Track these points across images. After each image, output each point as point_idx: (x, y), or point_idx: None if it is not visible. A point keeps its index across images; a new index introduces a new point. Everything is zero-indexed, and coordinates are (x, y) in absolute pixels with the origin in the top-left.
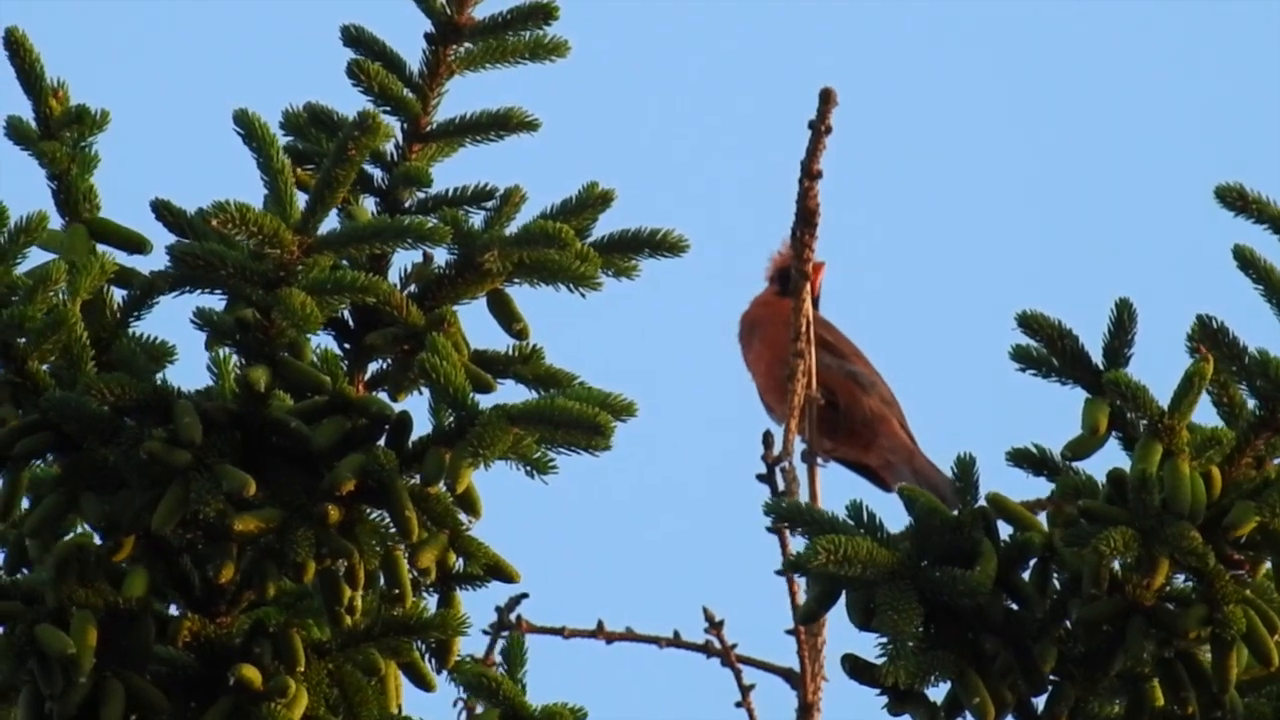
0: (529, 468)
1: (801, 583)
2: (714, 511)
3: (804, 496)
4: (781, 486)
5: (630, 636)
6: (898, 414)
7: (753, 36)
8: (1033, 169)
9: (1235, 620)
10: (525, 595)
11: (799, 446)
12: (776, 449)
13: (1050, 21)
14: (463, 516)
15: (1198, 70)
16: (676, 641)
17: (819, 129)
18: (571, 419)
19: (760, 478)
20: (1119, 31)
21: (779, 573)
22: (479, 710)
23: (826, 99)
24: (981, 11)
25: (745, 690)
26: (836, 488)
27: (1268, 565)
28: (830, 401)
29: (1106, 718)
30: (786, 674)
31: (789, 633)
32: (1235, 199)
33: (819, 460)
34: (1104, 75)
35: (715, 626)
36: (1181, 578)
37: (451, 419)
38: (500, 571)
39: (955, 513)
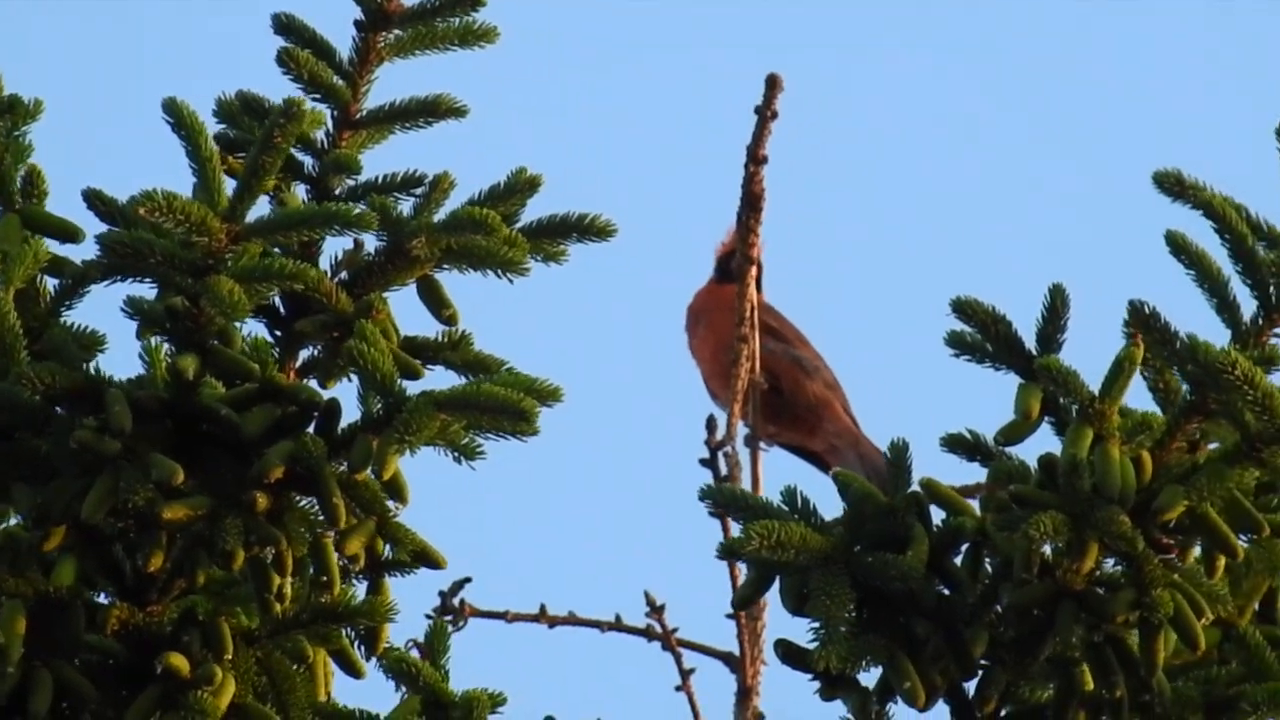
0: (456, 454)
1: (743, 567)
2: (657, 496)
3: (746, 481)
4: (724, 471)
5: (572, 620)
6: (841, 398)
7: (690, 19)
8: (970, 155)
9: (1163, 604)
10: (469, 580)
11: (742, 431)
12: (720, 433)
13: (993, 10)
14: (390, 503)
15: (1130, 57)
16: (618, 625)
17: (765, 114)
18: (497, 404)
19: (703, 462)
20: (1059, 21)
21: (719, 557)
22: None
23: (773, 84)
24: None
25: (685, 674)
26: (779, 472)
27: (1196, 550)
28: (774, 386)
29: (1036, 702)
30: (726, 658)
31: (729, 617)
32: (1173, 184)
33: (762, 445)
34: (1041, 62)
35: (656, 611)
36: (1111, 562)
37: (379, 406)
38: (428, 558)
39: (888, 498)
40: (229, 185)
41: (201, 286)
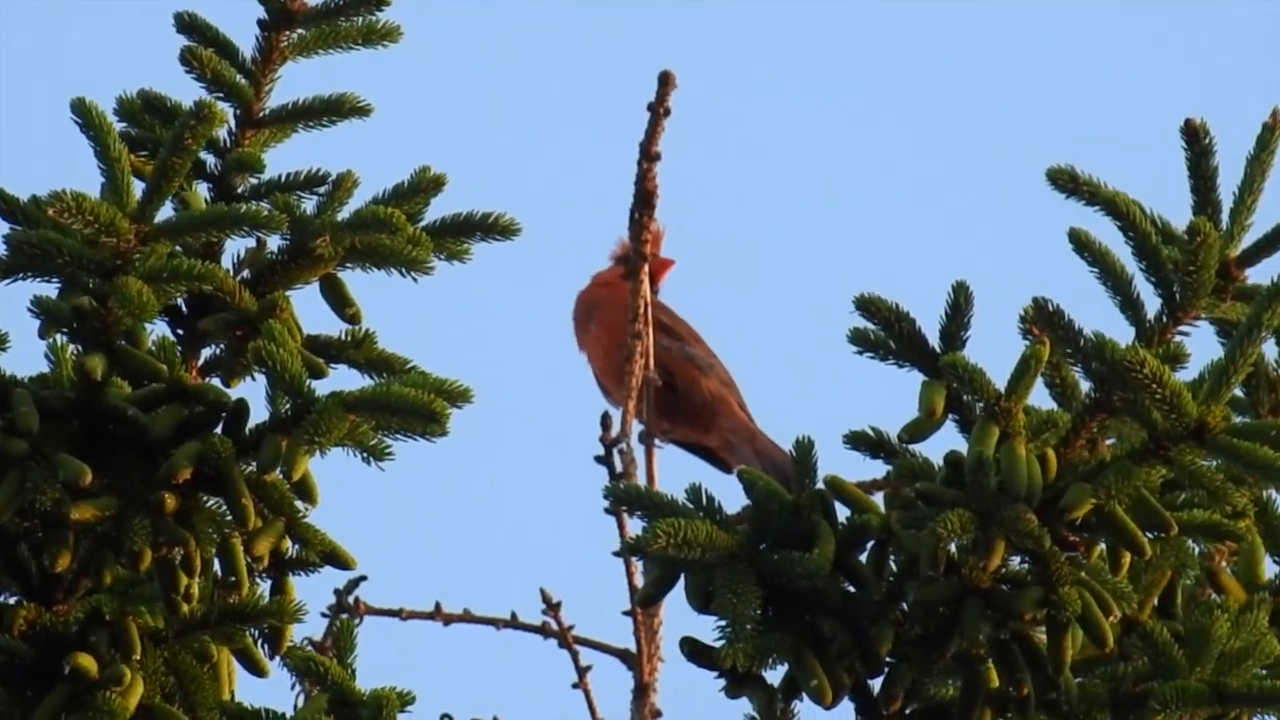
0: (366, 454)
1: (639, 564)
2: (551, 493)
3: (641, 478)
4: (619, 468)
5: (468, 618)
6: (736, 396)
7: (587, 19)
8: (871, 152)
9: (1070, 602)
10: (364, 578)
11: (637, 428)
12: (614, 431)
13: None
14: (299, 504)
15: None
16: (514, 623)
17: (658, 111)
18: (407, 406)
19: (598, 459)
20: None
21: (616, 554)
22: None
23: (665, 82)
24: None
25: (582, 671)
26: (674, 469)
27: (1102, 547)
28: (668, 384)
29: (942, 699)
30: (623, 655)
31: (626, 614)
32: (1066, 181)
33: (656, 442)
34: (942, 60)
35: (553, 608)
36: (1017, 560)
37: (288, 406)
38: (337, 558)
39: (793, 496)
40: (137, 186)
41: (110, 287)
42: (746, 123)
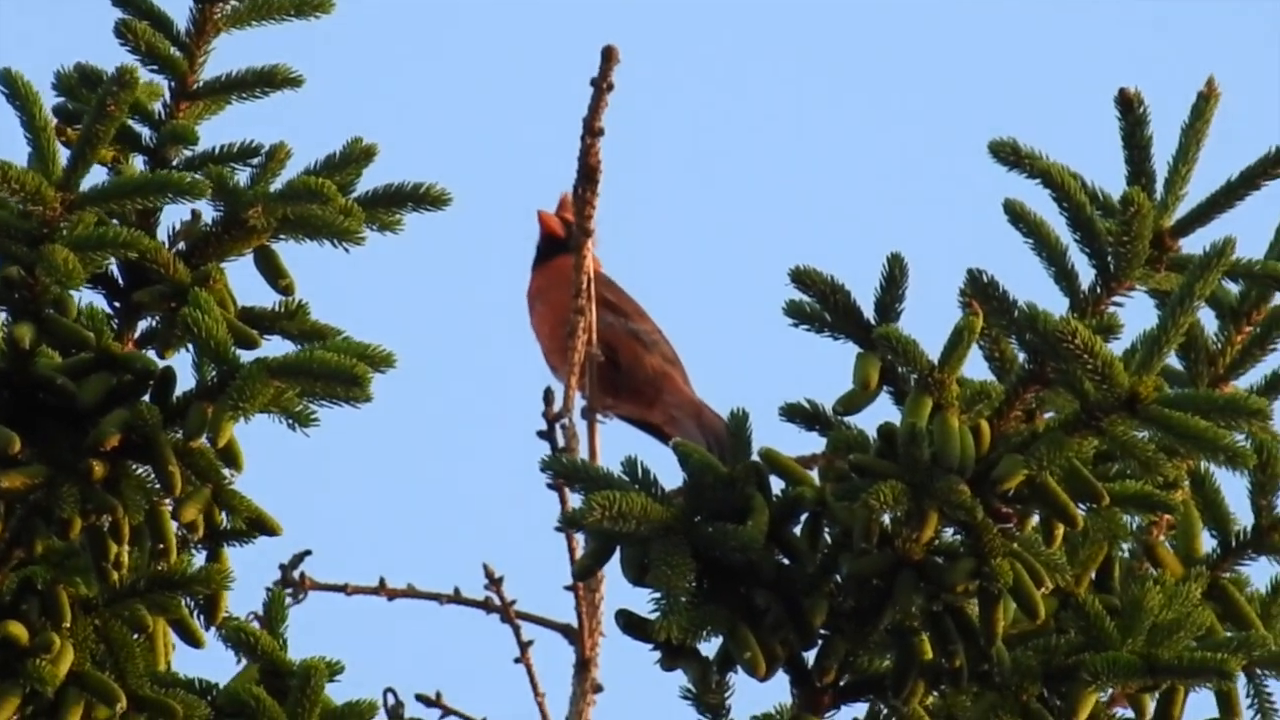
0: (291, 420)
1: (581, 539)
2: (495, 468)
3: (584, 453)
4: (562, 443)
5: (411, 593)
6: (680, 372)
7: None
8: (810, 123)
9: (1002, 573)
10: (309, 552)
11: (580, 403)
12: (557, 406)
13: None
14: (226, 470)
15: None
16: (457, 598)
17: (601, 87)
18: (330, 370)
19: (541, 434)
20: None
21: (558, 529)
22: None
23: (609, 57)
24: None
25: (524, 646)
26: (617, 444)
27: (1036, 519)
28: (611, 360)
29: (876, 671)
30: (565, 630)
31: (567, 589)
32: (1009, 154)
33: (600, 417)
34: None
35: (495, 583)
36: (950, 531)
37: (213, 373)
38: (263, 525)
39: (728, 468)
40: (64, 155)
41: (36, 255)
42: (686, 97)
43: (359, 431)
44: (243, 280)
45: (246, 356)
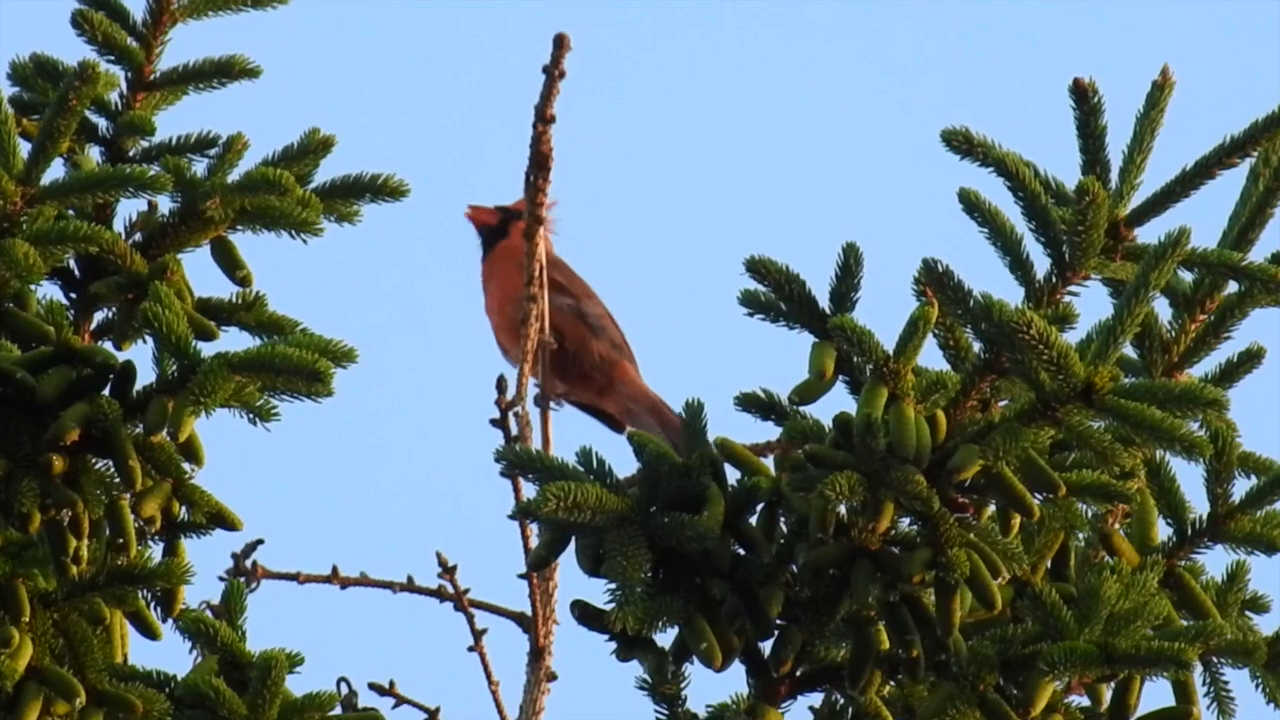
0: (252, 415)
1: (534, 528)
2: (448, 457)
3: (537, 441)
4: (515, 431)
5: (364, 582)
6: (631, 360)
7: None
8: (764, 110)
9: (959, 563)
10: (260, 542)
11: (532, 390)
12: (510, 393)
13: None
14: (186, 465)
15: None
16: (410, 586)
17: (553, 74)
18: (291, 366)
19: (493, 422)
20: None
21: (511, 518)
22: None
23: (560, 44)
24: None
25: (478, 635)
26: (570, 432)
27: (992, 508)
28: (559, 344)
29: (833, 661)
30: (519, 618)
31: (521, 578)
32: (961, 143)
33: (552, 404)
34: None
35: (448, 572)
36: (906, 521)
37: (174, 368)
38: (223, 520)
39: (683, 458)
40: (24, 148)
41: None
42: (643, 84)
43: (311, 420)
44: (199, 271)
45: (206, 349)
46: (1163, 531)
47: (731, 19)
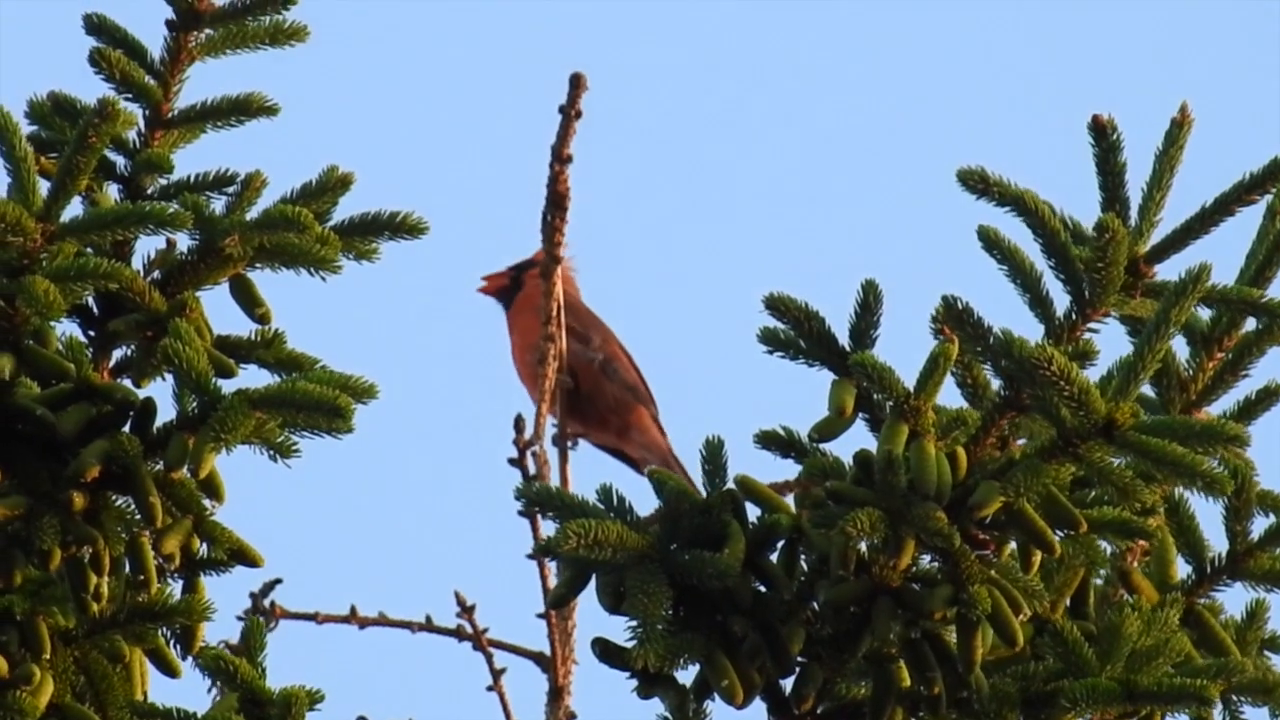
0: (272, 452)
1: (553, 567)
2: (466, 496)
3: (555, 480)
4: (533, 470)
5: (383, 621)
6: (649, 408)
7: (496, 18)
8: (785, 151)
9: (980, 600)
10: (279, 581)
11: (550, 430)
12: (528, 433)
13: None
14: (207, 501)
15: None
16: (429, 626)
17: (569, 114)
18: (312, 402)
19: (511, 462)
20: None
21: (530, 557)
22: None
23: (577, 84)
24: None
25: (497, 674)
26: (588, 472)
27: (1012, 545)
28: (575, 386)
29: (854, 699)
30: (538, 658)
31: (540, 617)
32: (977, 182)
33: (569, 443)
34: (855, 55)
35: (467, 611)
36: (928, 558)
37: (194, 404)
38: (244, 556)
39: (703, 496)
40: (43, 186)
41: (16, 286)
42: (657, 124)
43: (330, 459)
44: (218, 308)
45: (226, 386)
46: (1182, 569)
47: (746, 53)
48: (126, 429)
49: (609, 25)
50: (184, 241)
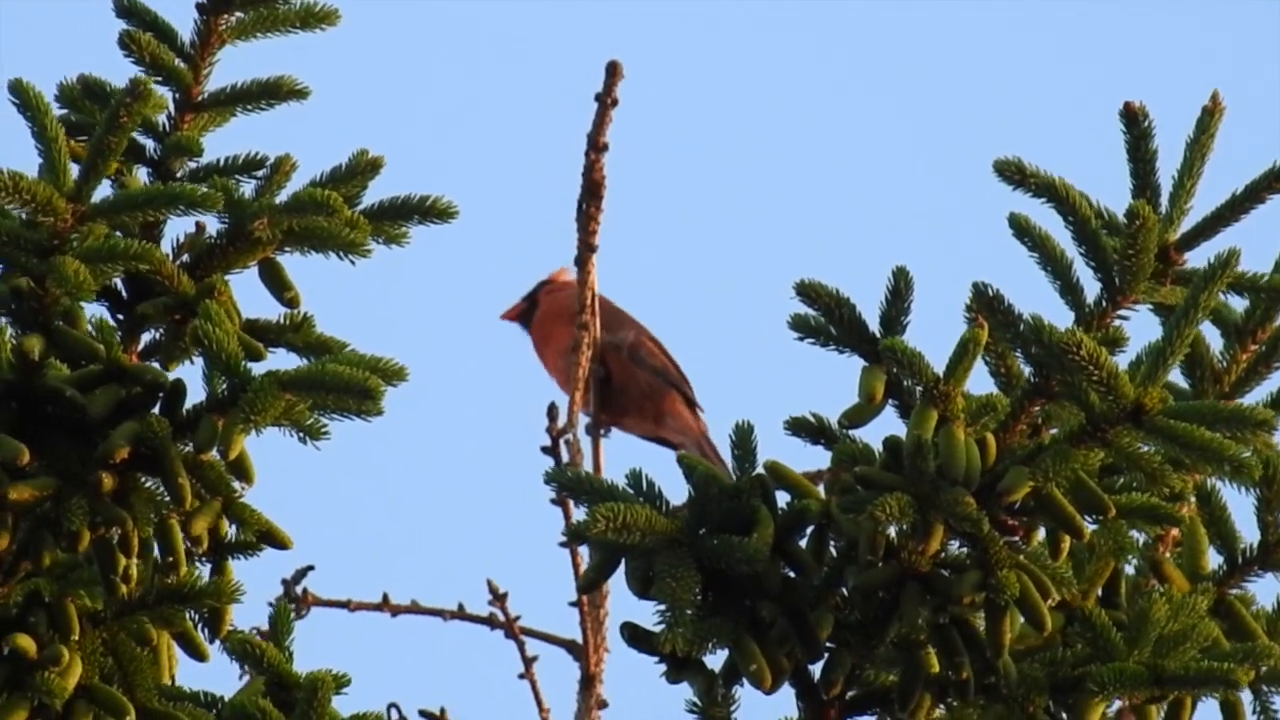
0: (302, 434)
1: (585, 555)
2: (499, 484)
3: (589, 467)
4: (566, 458)
5: (415, 609)
6: (680, 383)
7: (533, 4)
8: (816, 137)
9: (1009, 585)
10: (311, 568)
11: (583, 418)
12: (561, 421)
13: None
14: (236, 483)
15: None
16: (461, 614)
17: (605, 102)
18: (342, 383)
19: (545, 449)
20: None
21: (562, 544)
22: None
23: (613, 72)
24: None
25: (529, 662)
26: (623, 458)
27: (1041, 531)
28: (607, 378)
29: (882, 684)
30: (569, 645)
31: (572, 605)
32: (1014, 173)
33: (602, 430)
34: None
35: (499, 599)
36: (956, 544)
37: (224, 386)
38: (273, 538)
39: (733, 480)
40: (74, 168)
41: (47, 267)
42: (691, 111)
43: (361, 445)
44: (247, 292)
45: (255, 369)
46: (1213, 560)
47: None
48: (156, 411)
49: (650, 12)
50: (213, 225)
